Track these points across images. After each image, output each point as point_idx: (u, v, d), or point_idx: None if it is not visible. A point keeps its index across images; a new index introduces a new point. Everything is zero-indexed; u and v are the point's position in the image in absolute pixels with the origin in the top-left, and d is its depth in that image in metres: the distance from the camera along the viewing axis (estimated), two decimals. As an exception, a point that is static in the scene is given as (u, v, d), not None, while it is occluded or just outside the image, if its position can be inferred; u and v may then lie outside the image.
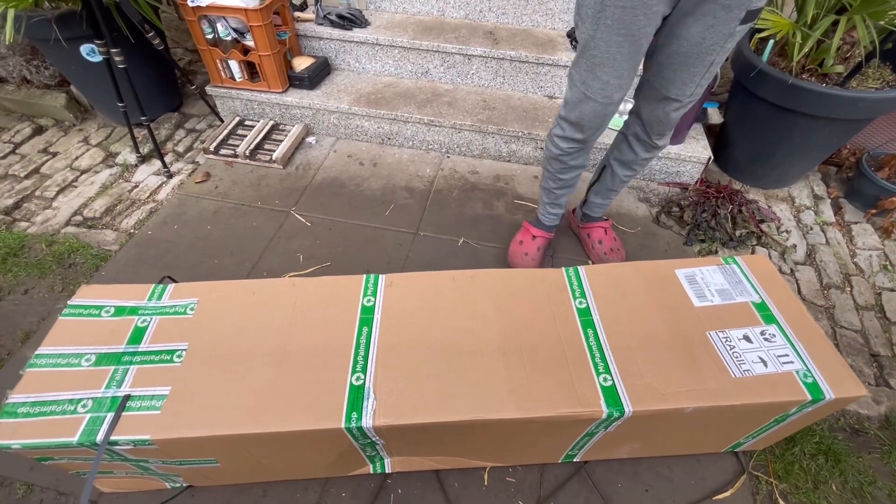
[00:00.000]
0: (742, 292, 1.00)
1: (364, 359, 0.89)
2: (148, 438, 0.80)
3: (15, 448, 0.79)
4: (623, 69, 0.99)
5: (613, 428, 0.89)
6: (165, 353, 0.90)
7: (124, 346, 0.91)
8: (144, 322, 0.95)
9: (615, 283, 1.03)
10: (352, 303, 0.99)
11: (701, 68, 0.98)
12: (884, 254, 1.66)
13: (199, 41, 1.83)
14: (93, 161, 1.96)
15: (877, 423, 1.22)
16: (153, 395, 0.84)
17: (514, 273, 1.06)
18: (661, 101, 1.09)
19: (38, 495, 1.06)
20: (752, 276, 1.03)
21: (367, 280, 1.03)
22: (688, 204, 1.75)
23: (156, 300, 0.99)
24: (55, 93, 2.10)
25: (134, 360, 0.89)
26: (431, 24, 2.07)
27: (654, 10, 0.90)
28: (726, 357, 0.89)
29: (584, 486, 1.08)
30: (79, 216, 1.72)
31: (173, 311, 0.97)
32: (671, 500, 1.07)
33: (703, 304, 0.98)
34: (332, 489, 1.07)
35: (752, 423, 0.94)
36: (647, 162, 1.29)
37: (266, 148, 1.93)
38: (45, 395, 0.84)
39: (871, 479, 1.11)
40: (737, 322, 0.95)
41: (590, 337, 0.93)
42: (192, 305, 0.98)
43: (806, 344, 0.91)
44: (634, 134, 1.23)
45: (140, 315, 0.96)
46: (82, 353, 0.90)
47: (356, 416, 0.82)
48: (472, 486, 1.08)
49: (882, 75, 1.60)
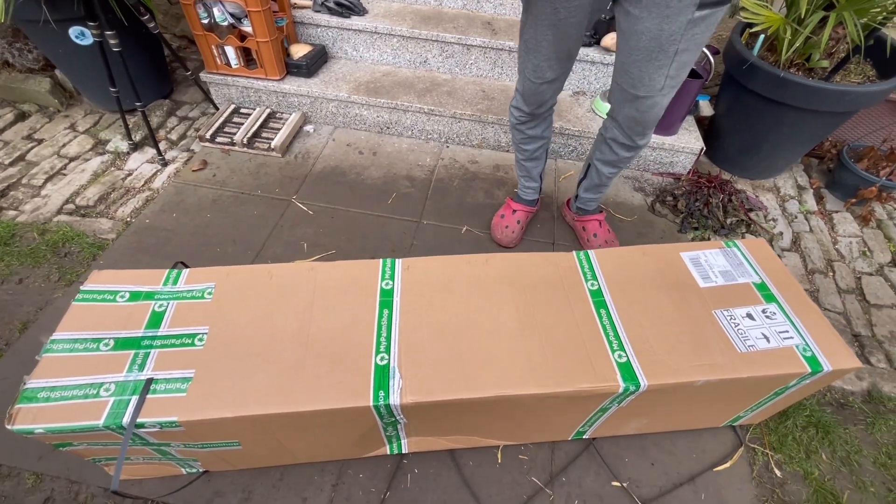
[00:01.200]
0: (743, 274, 1.05)
1: (387, 340, 0.91)
2: (175, 420, 0.80)
3: (38, 433, 0.79)
4: (551, 54, 1.07)
5: (627, 403, 0.94)
6: (186, 336, 0.90)
7: (143, 330, 0.90)
8: (161, 307, 0.94)
9: (624, 266, 1.07)
10: (370, 286, 1.00)
11: (665, 60, 0.97)
12: (862, 240, 1.76)
13: (195, 26, 1.79)
14: (81, 148, 1.90)
15: (860, 398, 1.30)
16: (177, 377, 0.84)
17: (527, 256, 1.08)
18: (634, 101, 1.09)
19: (49, 484, 1.04)
20: (751, 258, 1.09)
21: (384, 264, 1.04)
22: (681, 193, 1.81)
23: (171, 285, 0.98)
24: (39, 77, 2.02)
25: (154, 343, 0.89)
26: (429, 14, 2.07)
27: (575, 2, 0.96)
28: (732, 334, 0.94)
29: (593, 462, 1.13)
30: (71, 204, 1.67)
31: (191, 296, 0.97)
32: (675, 472, 1.12)
33: (707, 285, 1.03)
34: (349, 471, 1.09)
35: (754, 396, 0.99)
36: (631, 159, 1.29)
37: (264, 136, 1.91)
38: (64, 380, 0.83)
39: (857, 449, 1.19)
40: (740, 301, 1.00)
41: (603, 317, 0.97)
42: (210, 290, 0.98)
43: (804, 320, 0.96)
44: (613, 137, 1.24)
45: (156, 300, 0.95)
46: (100, 337, 0.89)
47: (383, 394, 0.83)
48: (486, 464, 1.11)
49: (864, 71, 1.68)
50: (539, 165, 1.50)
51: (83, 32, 1.72)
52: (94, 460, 0.97)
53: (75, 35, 1.73)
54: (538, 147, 1.42)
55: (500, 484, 1.08)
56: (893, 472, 1.15)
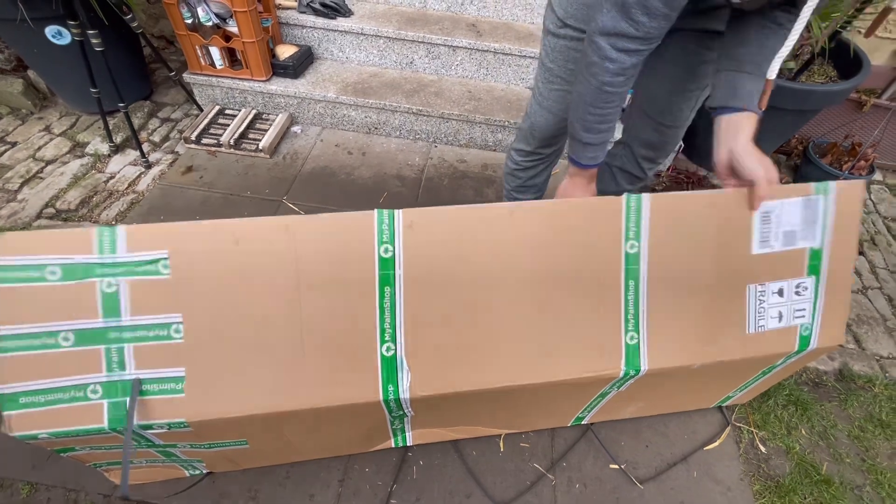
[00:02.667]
0: (807, 235, 0.92)
1: (392, 327, 0.83)
2: (184, 421, 0.80)
3: (42, 438, 0.77)
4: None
5: (626, 387, 0.98)
6: (158, 327, 0.78)
7: (103, 319, 0.77)
8: (111, 286, 0.77)
9: (679, 220, 0.90)
10: (366, 253, 0.82)
11: (695, 88, 0.99)
12: (829, 231, 1.87)
13: (178, 26, 1.76)
14: (58, 151, 1.84)
15: (833, 377, 1.39)
16: (168, 377, 0.79)
17: (563, 207, 0.89)
18: (657, 127, 1.08)
19: (45, 494, 1.02)
20: (831, 211, 0.92)
21: (379, 220, 0.81)
22: (662, 189, 1.89)
23: (109, 253, 0.77)
24: (11, 78, 1.95)
25: (124, 336, 0.78)
26: (414, 16, 2.10)
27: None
28: (750, 312, 0.91)
29: (591, 446, 1.17)
30: (51, 208, 1.62)
31: (142, 271, 0.78)
32: (669, 452, 1.17)
33: (761, 251, 0.91)
34: (354, 466, 1.10)
35: (743, 377, 1.05)
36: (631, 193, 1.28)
37: (251, 137, 1.89)
38: (40, 384, 0.77)
39: (833, 423, 1.27)
40: (781, 273, 0.93)
41: (630, 289, 0.88)
42: (164, 261, 0.78)
43: (828, 300, 0.93)
44: (620, 166, 1.21)
45: (100, 276, 0.76)
46: (55, 330, 0.76)
47: (392, 388, 0.83)
48: (488, 453, 1.14)
49: (826, 72, 1.79)
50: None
51: (60, 32, 1.68)
52: (95, 465, 0.95)
53: (52, 34, 1.68)
54: (531, 198, 1.33)
55: (504, 471, 1.11)
56: (866, 444, 1.23)
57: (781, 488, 1.12)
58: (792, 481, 1.14)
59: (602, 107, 0.86)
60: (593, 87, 0.83)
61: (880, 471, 1.18)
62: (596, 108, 0.87)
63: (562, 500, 1.08)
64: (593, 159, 0.95)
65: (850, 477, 1.18)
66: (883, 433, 1.26)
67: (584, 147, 0.93)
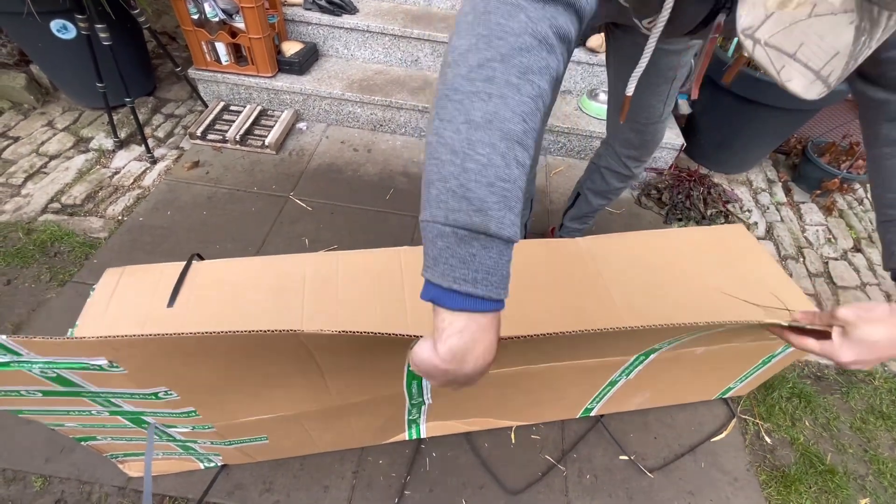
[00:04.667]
0: None
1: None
2: (209, 423, 0.80)
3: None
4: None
5: (634, 375, 0.99)
6: (142, 395, 0.68)
7: (65, 387, 0.64)
8: (48, 373, 0.60)
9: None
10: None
11: (665, 87, 0.99)
12: (827, 229, 1.91)
13: (184, 22, 1.76)
14: (62, 146, 1.83)
15: (835, 371, 1.41)
16: (184, 422, 0.79)
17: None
18: (633, 126, 1.09)
19: (58, 486, 1.01)
20: None
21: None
22: (664, 187, 1.91)
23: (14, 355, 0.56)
24: (13, 73, 1.93)
25: (112, 398, 0.69)
26: (419, 14, 2.11)
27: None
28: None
29: (601, 438, 1.18)
30: (56, 203, 1.61)
31: (80, 366, 0.59)
32: (677, 444, 1.19)
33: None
34: (368, 458, 1.10)
35: (746, 364, 1.07)
36: (622, 191, 1.28)
37: (256, 133, 1.89)
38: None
39: (836, 415, 1.29)
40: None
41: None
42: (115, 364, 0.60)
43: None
44: (606, 166, 1.23)
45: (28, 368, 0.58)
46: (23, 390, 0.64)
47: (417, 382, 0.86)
48: (500, 445, 1.15)
49: (825, 72, 1.82)
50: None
51: (65, 26, 1.67)
52: (112, 456, 0.95)
53: (57, 29, 1.67)
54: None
55: (516, 463, 1.13)
56: (868, 435, 1.26)
57: (787, 478, 1.15)
58: (797, 471, 1.16)
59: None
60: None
61: (882, 461, 1.21)
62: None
63: (573, 490, 1.10)
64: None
65: (854, 467, 1.20)
66: (884, 424, 1.28)
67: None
